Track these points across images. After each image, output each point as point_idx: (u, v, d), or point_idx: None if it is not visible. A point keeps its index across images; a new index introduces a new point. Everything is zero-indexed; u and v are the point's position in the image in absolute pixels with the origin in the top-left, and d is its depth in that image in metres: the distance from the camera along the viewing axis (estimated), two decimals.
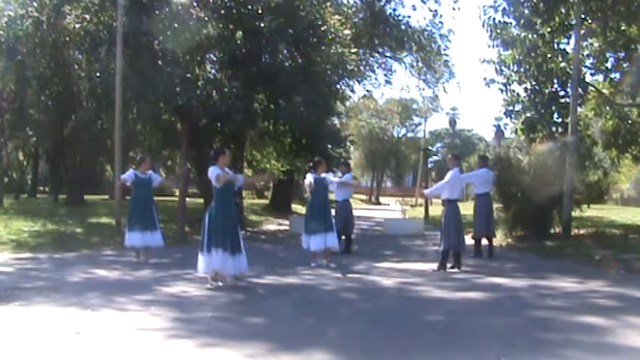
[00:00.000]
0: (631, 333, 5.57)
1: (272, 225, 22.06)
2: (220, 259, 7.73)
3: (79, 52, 17.25)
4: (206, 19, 15.30)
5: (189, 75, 15.55)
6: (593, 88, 17.74)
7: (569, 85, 15.79)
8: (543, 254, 12.33)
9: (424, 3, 24.23)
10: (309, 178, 10.58)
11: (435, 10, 24.84)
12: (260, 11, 15.82)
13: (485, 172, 12.05)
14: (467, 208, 12.47)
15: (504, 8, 16.14)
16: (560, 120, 16.51)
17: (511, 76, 16.62)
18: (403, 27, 23.87)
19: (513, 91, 16.84)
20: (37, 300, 6.84)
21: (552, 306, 7.00)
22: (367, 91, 29.25)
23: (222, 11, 15.83)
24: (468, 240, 11.25)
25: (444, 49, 25.65)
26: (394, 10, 24.60)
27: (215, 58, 17.27)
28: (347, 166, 14.08)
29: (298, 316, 6.49)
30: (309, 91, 16.37)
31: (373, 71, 26.34)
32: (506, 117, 18.13)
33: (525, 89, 16.66)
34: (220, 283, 7.90)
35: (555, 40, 16.64)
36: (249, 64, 16.31)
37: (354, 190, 20.73)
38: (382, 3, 23.79)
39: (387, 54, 26.16)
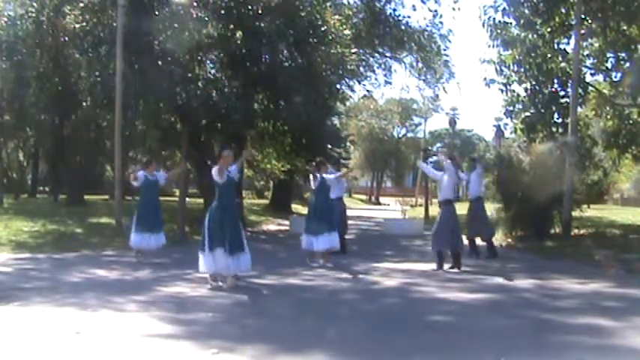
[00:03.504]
0: (633, 334, 5.56)
1: (272, 225, 22.05)
2: (223, 260, 7.71)
3: (79, 52, 17.25)
4: (206, 19, 15.30)
5: (189, 75, 15.54)
6: (593, 88, 17.74)
7: (569, 85, 15.79)
8: (543, 254, 12.31)
9: (424, 3, 24.28)
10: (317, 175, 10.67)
11: (435, 10, 24.92)
12: (260, 11, 15.83)
13: (481, 174, 12.16)
14: (465, 208, 12.43)
15: (504, 8, 16.16)
16: (560, 120, 16.51)
17: (511, 76, 16.62)
18: (403, 27, 23.90)
19: (513, 91, 16.85)
20: (37, 300, 6.83)
21: (553, 306, 6.99)
22: (367, 91, 29.30)
23: (222, 11, 15.82)
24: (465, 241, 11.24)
25: (444, 49, 25.70)
26: (394, 10, 24.67)
27: (215, 58, 17.28)
28: (338, 165, 14.09)
29: (299, 316, 6.48)
30: (309, 91, 16.37)
31: (373, 71, 26.38)
32: (507, 117, 18.13)
33: (525, 89, 16.66)
34: (221, 283, 7.89)
35: (555, 40, 16.65)
36: (249, 64, 16.31)
37: (354, 190, 20.72)
38: (382, 3, 23.82)
39: (387, 54, 26.17)
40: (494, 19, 16.25)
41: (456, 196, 11.90)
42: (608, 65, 17.73)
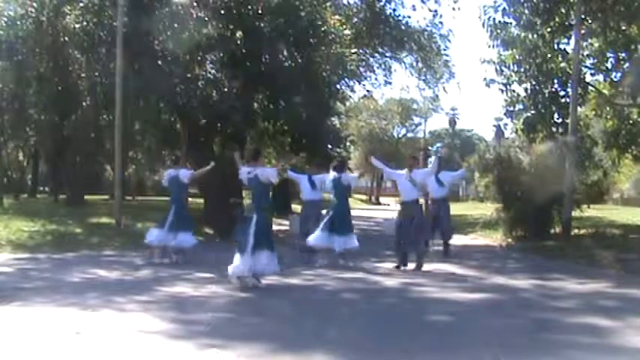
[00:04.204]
0: (632, 333, 5.56)
1: (273, 225, 21.98)
2: (265, 261, 7.74)
3: (79, 52, 17.26)
4: (206, 19, 15.32)
5: (189, 75, 15.55)
6: (593, 88, 17.74)
7: (569, 85, 15.79)
8: (543, 254, 12.31)
9: (424, 3, 24.24)
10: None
11: (435, 10, 24.84)
12: (260, 11, 15.84)
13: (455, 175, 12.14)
14: (468, 208, 12.43)
15: (504, 8, 16.17)
16: (560, 120, 16.52)
17: (511, 76, 16.63)
18: (403, 27, 23.87)
19: (513, 91, 16.86)
20: (37, 300, 6.83)
21: (553, 306, 6.99)
22: (367, 91, 29.24)
23: (222, 11, 15.83)
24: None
25: (444, 49, 25.68)
26: (394, 10, 24.61)
27: (215, 58, 17.29)
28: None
29: (298, 316, 6.48)
30: (309, 91, 16.38)
31: (373, 71, 26.33)
32: (507, 117, 18.15)
33: (525, 89, 16.67)
34: (246, 283, 7.86)
35: (555, 40, 16.65)
36: (249, 64, 16.31)
37: (354, 190, 20.63)
38: (382, 3, 23.79)
39: (387, 54, 26.13)
40: (494, 19, 16.26)
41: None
42: (608, 65, 17.74)
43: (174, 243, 10.43)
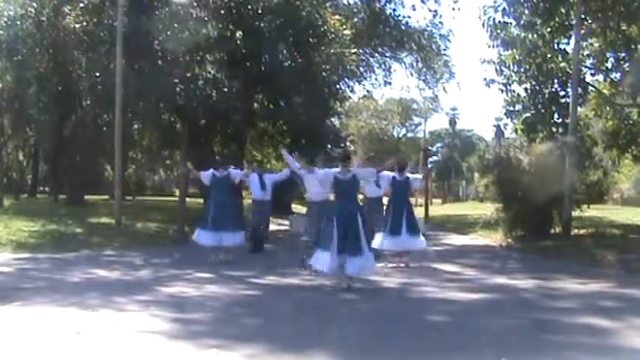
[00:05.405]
0: (632, 334, 5.56)
1: (272, 225, 21.95)
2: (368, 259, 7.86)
3: (79, 52, 17.25)
4: (206, 19, 15.33)
5: (189, 75, 15.55)
6: (593, 88, 17.75)
7: (569, 85, 15.79)
8: (543, 254, 12.31)
9: (424, 3, 24.24)
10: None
11: (435, 10, 24.85)
12: (260, 11, 15.85)
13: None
14: (468, 208, 12.41)
15: (504, 8, 16.19)
16: (560, 120, 16.52)
17: (511, 76, 16.65)
18: (403, 27, 23.88)
19: (513, 91, 16.87)
20: (37, 300, 6.83)
21: (553, 306, 6.99)
22: (367, 91, 29.29)
23: (222, 11, 15.85)
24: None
25: (444, 49, 25.69)
26: (394, 10, 24.60)
27: (215, 58, 17.30)
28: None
29: (298, 316, 6.48)
30: (309, 91, 16.40)
31: (373, 71, 26.31)
32: (507, 117, 18.16)
33: (525, 89, 16.68)
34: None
35: (555, 40, 16.67)
36: (249, 64, 16.32)
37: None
38: (382, 3, 23.79)
39: (387, 54, 26.12)
40: (494, 19, 16.28)
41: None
42: (608, 65, 17.75)
43: (231, 241, 10.45)
